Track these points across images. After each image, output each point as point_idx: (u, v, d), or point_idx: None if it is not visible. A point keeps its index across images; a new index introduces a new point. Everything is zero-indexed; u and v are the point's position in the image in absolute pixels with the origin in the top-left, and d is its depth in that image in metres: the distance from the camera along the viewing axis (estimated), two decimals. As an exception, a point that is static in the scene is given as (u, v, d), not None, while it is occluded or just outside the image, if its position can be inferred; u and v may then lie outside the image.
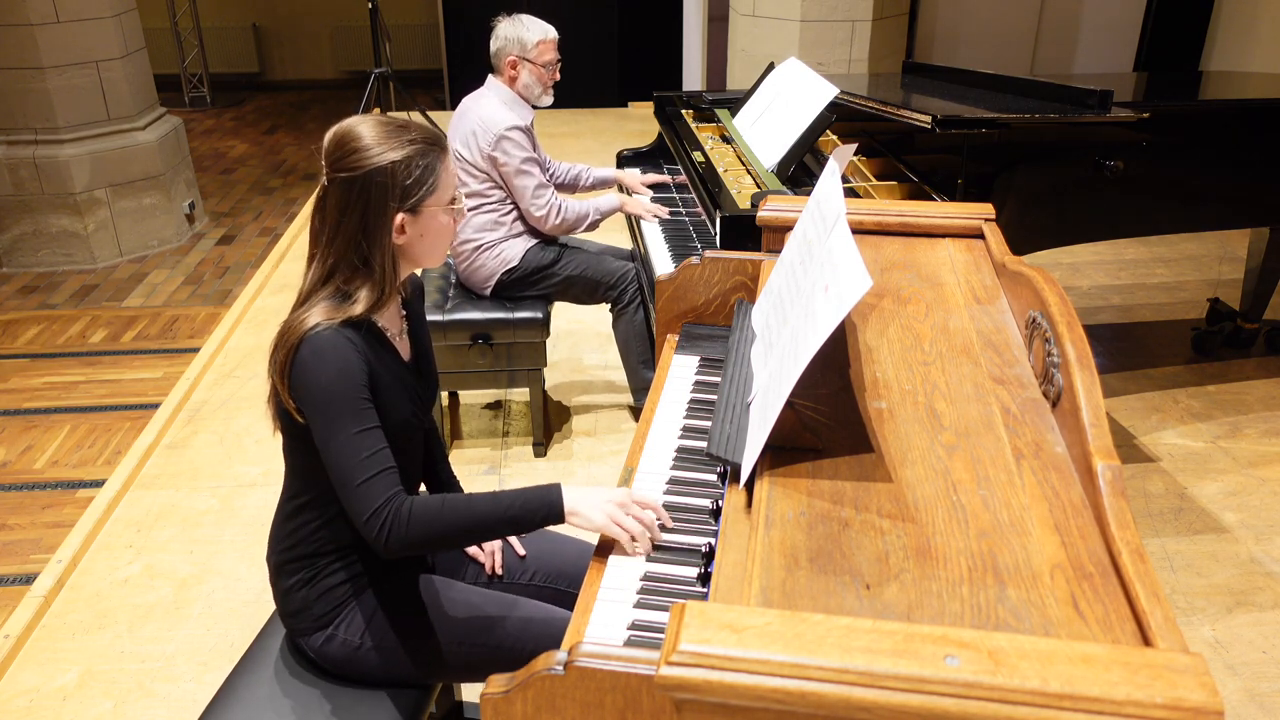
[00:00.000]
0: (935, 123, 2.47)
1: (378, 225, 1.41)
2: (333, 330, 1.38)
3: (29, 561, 2.72)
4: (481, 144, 2.89)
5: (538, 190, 2.94)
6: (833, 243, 1.36)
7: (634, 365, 3.17)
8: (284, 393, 1.41)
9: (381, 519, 1.36)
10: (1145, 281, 4.60)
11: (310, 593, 1.55)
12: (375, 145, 1.39)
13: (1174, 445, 3.24)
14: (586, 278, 3.06)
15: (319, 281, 1.44)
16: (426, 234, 1.46)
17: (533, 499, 1.42)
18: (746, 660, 0.87)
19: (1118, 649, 0.85)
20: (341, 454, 1.37)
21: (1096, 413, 1.16)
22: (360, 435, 1.37)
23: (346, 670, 1.56)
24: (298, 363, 1.38)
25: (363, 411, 1.38)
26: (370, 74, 6.15)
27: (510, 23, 2.95)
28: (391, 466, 1.39)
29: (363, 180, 1.38)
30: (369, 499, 1.36)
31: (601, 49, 7.62)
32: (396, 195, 1.40)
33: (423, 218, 1.44)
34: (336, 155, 1.40)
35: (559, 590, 1.75)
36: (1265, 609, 2.52)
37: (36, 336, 4.05)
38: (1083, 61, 6.95)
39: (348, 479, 1.37)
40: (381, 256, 1.42)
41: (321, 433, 1.38)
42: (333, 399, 1.37)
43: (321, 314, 1.40)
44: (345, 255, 1.42)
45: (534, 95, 2.99)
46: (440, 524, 1.39)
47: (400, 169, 1.39)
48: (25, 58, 4.38)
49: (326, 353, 1.37)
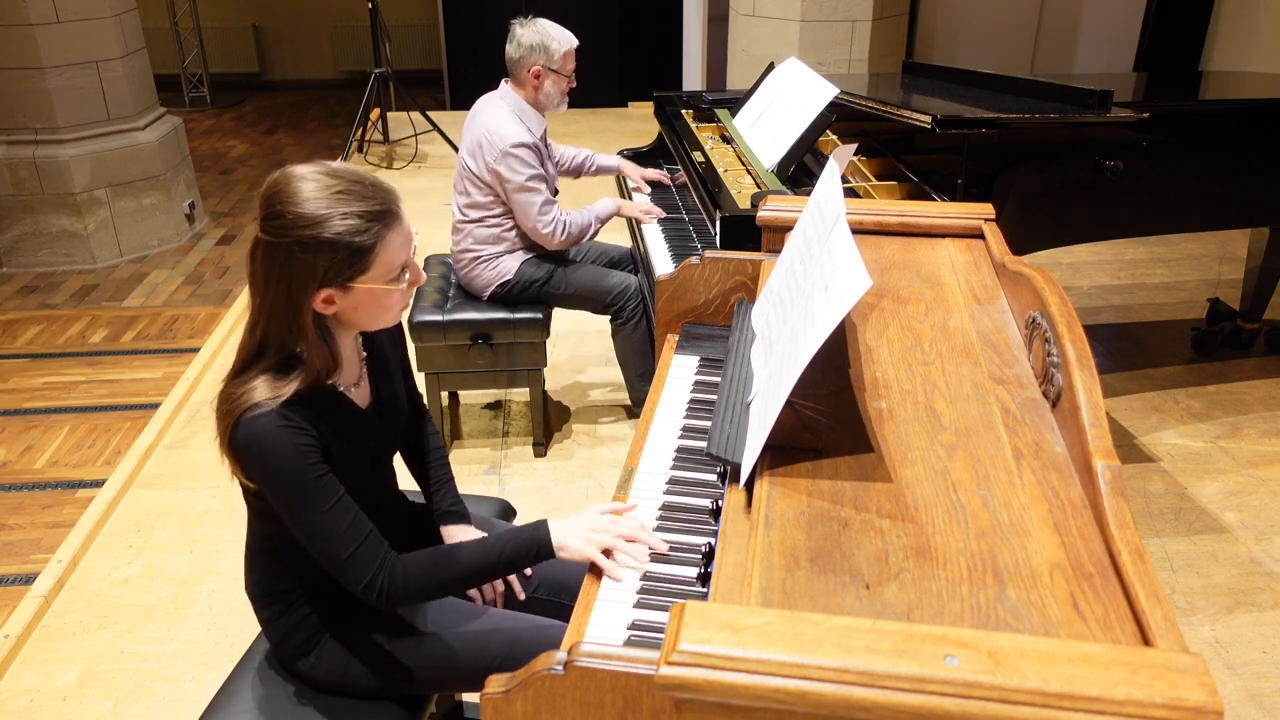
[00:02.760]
0: (935, 123, 2.47)
1: (300, 301, 1.28)
2: (270, 414, 1.28)
3: (29, 561, 2.72)
4: (487, 157, 2.85)
5: (543, 208, 2.89)
6: (833, 243, 1.36)
7: (633, 379, 3.16)
8: (231, 464, 1.34)
9: (377, 587, 1.35)
10: (1145, 281, 4.60)
11: (286, 623, 1.53)
12: (306, 213, 1.24)
13: (1174, 445, 3.24)
14: (582, 294, 3.03)
15: (253, 354, 1.33)
16: (361, 306, 1.33)
17: (522, 541, 1.41)
18: (746, 660, 0.87)
19: (1118, 649, 0.85)
20: (318, 535, 1.32)
21: (1096, 413, 1.16)
22: (331, 512, 1.32)
23: (337, 691, 1.55)
24: (240, 446, 1.29)
25: (325, 486, 1.31)
26: (370, 74, 6.14)
27: (533, 30, 2.85)
28: (371, 529, 1.36)
29: (285, 250, 1.25)
30: (360, 570, 1.34)
31: (601, 49, 7.62)
32: (318, 274, 1.26)
33: (355, 293, 1.31)
34: (266, 213, 1.27)
35: (561, 604, 1.71)
36: (1265, 609, 2.52)
37: (36, 336, 4.05)
38: (1083, 61, 6.95)
39: (333, 556, 1.34)
40: (307, 331, 1.30)
41: (290, 516, 1.33)
42: (287, 485, 1.30)
43: (263, 391, 1.29)
44: (275, 326, 1.30)
45: (553, 104, 2.95)
46: (434, 580, 1.38)
47: (325, 248, 1.24)
48: (25, 58, 4.37)
49: (269, 439, 1.27)
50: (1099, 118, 2.60)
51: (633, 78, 7.75)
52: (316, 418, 1.34)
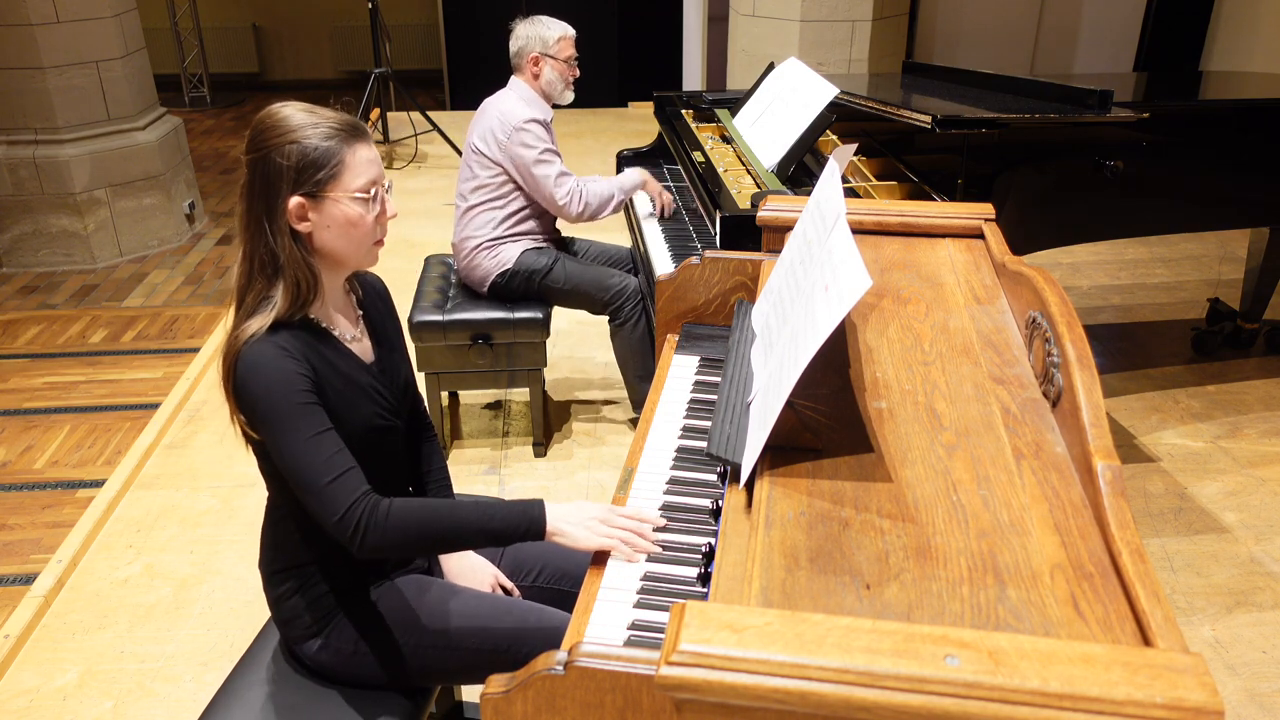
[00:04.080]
0: (935, 123, 2.47)
1: (275, 208, 1.36)
2: (263, 340, 1.35)
3: (29, 561, 2.72)
4: (500, 137, 2.90)
5: (560, 178, 2.92)
6: (833, 243, 1.36)
7: (631, 380, 3.15)
8: (232, 409, 1.39)
9: (355, 518, 1.33)
10: (1145, 281, 4.60)
11: (299, 601, 1.54)
12: (280, 126, 1.36)
13: (1174, 445, 3.24)
14: (581, 290, 3.03)
15: (244, 284, 1.40)
16: (334, 225, 1.39)
17: (515, 513, 1.40)
18: (746, 660, 0.87)
19: (1118, 649, 0.85)
20: (299, 460, 1.33)
21: (1096, 413, 1.16)
22: (315, 439, 1.34)
23: (341, 676, 1.55)
24: (238, 377, 1.35)
25: (311, 415, 1.34)
26: (370, 74, 6.14)
27: (529, 22, 2.99)
28: (354, 466, 1.36)
29: (263, 161, 1.36)
30: (337, 499, 1.33)
31: (601, 49, 7.62)
32: (290, 178, 1.35)
33: (324, 205, 1.38)
34: (250, 136, 1.39)
35: (562, 590, 1.74)
36: (1265, 609, 2.52)
37: (36, 336, 4.05)
38: (1083, 61, 6.95)
39: (311, 483, 1.33)
40: (286, 244, 1.37)
41: (274, 444, 1.35)
42: (276, 407, 1.33)
43: (255, 324, 1.36)
44: (257, 245, 1.38)
45: (557, 91, 3.03)
46: (418, 527, 1.36)
47: (295, 149, 1.35)
48: (25, 58, 4.37)
49: (259, 363, 1.34)
50: (1099, 118, 2.60)
51: (633, 78, 7.75)
52: (312, 353, 1.40)
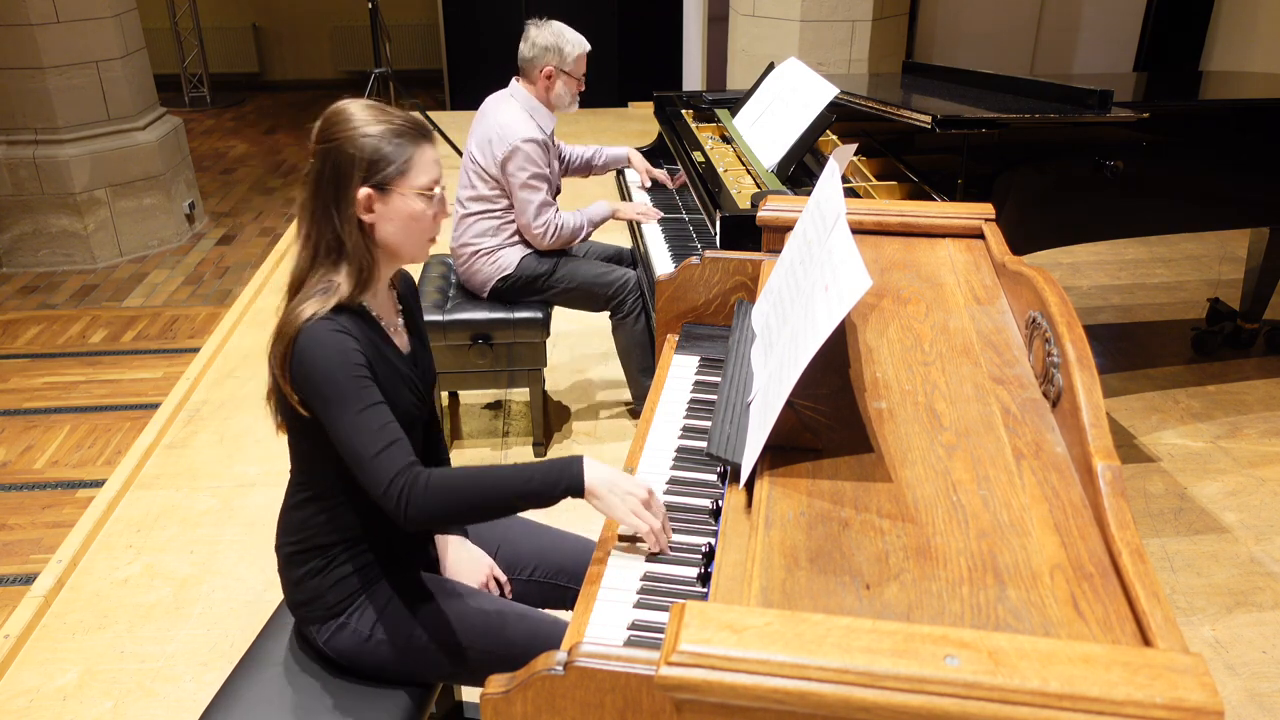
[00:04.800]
0: (935, 123, 2.47)
1: (345, 197, 1.44)
2: (326, 318, 1.42)
3: (29, 561, 2.72)
4: (496, 150, 2.88)
5: (540, 209, 2.93)
6: (833, 243, 1.36)
7: (634, 374, 3.16)
8: (285, 386, 1.43)
9: (400, 487, 1.38)
10: (1145, 281, 4.60)
11: (323, 581, 1.55)
12: (353, 120, 1.44)
13: (1174, 445, 3.24)
14: (583, 290, 3.04)
15: (306, 265, 1.47)
16: (396, 218, 1.47)
17: (553, 470, 1.39)
18: (746, 660, 0.87)
19: (1118, 649, 0.85)
20: (352, 432, 1.39)
21: (1096, 413, 1.16)
22: (368, 411, 1.40)
23: (354, 661, 1.56)
24: (296, 354, 1.40)
25: (366, 389, 1.41)
26: (370, 74, 6.14)
27: (548, 31, 2.90)
28: (403, 438, 1.42)
29: (335, 151, 1.43)
30: (386, 470, 1.38)
31: (601, 49, 7.60)
32: (362, 166, 1.43)
33: (391, 198, 1.46)
34: (320, 130, 1.47)
35: (559, 586, 1.75)
36: (1265, 609, 2.52)
37: (36, 336, 4.05)
38: (1083, 61, 6.95)
39: (362, 454, 1.39)
40: (353, 232, 1.45)
41: (329, 416, 1.40)
42: (334, 381, 1.39)
43: (312, 306, 1.42)
44: (323, 232, 1.45)
45: (564, 104, 2.99)
46: (460, 493, 1.40)
47: (369, 144, 1.43)
48: (25, 58, 4.37)
49: (323, 338, 1.40)
50: (1099, 118, 2.60)
51: (633, 78, 7.75)
52: (362, 335, 1.46)
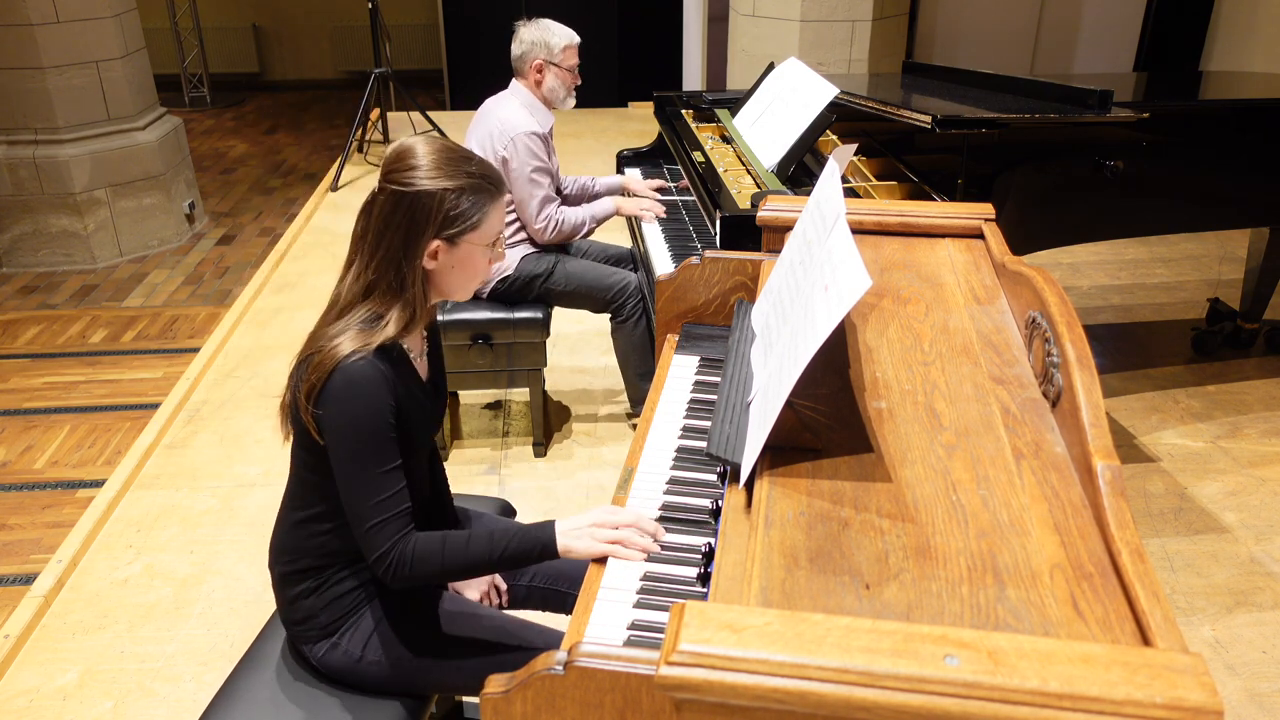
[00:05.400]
0: (935, 123, 2.47)
1: (415, 245, 1.42)
2: (367, 361, 1.39)
3: (29, 561, 2.72)
4: (497, 145, 2.89)
5: (543, 203, 2.94)
6: (832, 243, 1.36)
7: (632, 378, 3.16)
8: (306, 413, 1.42)
9: (389, 561, 1.40)
10: (1145, 281, 4.60)
11: (317, 601, 1.55)
12: (432, 168, 1.41)
13: (1174, 445, 3.24)
14: (582, 291, 3.04)
15: (358, 297, 1.45)
16: (459, 266, 1.48)
17: (527, 540, 1.45)
18: (746, 660, 0.87)
19: (1117, 649, 0.85)
20: (361, 492, 1.40)
21: (1096, 413, 1.16)
22: (382, 476, 1.40)
23: (347, 680, 1.56)
24: (329, 390, 1.39)
25: (387, 450, 1.41)
26: (370, 74, 6.14)
27: (534, 27, 2.94)
28: (406, 507, 1.43)
29: (411, 198, 1.41)
30: (379, 540, 1.40)
31: (601, 49, 7.62)
32: (437, 221, 1.42)
33: (459, 250, 1.46)
34: (393, 167, 1.43)
35: (559, 591, 1.75)
36: (1265, 609, 2.52)
37: (36, 336, 4.05)
38: (1083, 61, 6.95)
39: (363, 518, 1.40)
40: (414, 278, 1.44)
41: (343, 465, 1.40)
42: (360, 435, 1.39)
43: (354, 340, 1.40)
44: (384, 271, 1.43)
45: (559, 98, 3.01)
46: (440, 564, 1.43)
47: (448, 197, 1.41)
48: (25, 58, 4.37)
49: (361, 385, 1.38)
50: (1099, 118, 2.60)
51: (633, 78, 7.75)
52: (396, 376, 1.45)
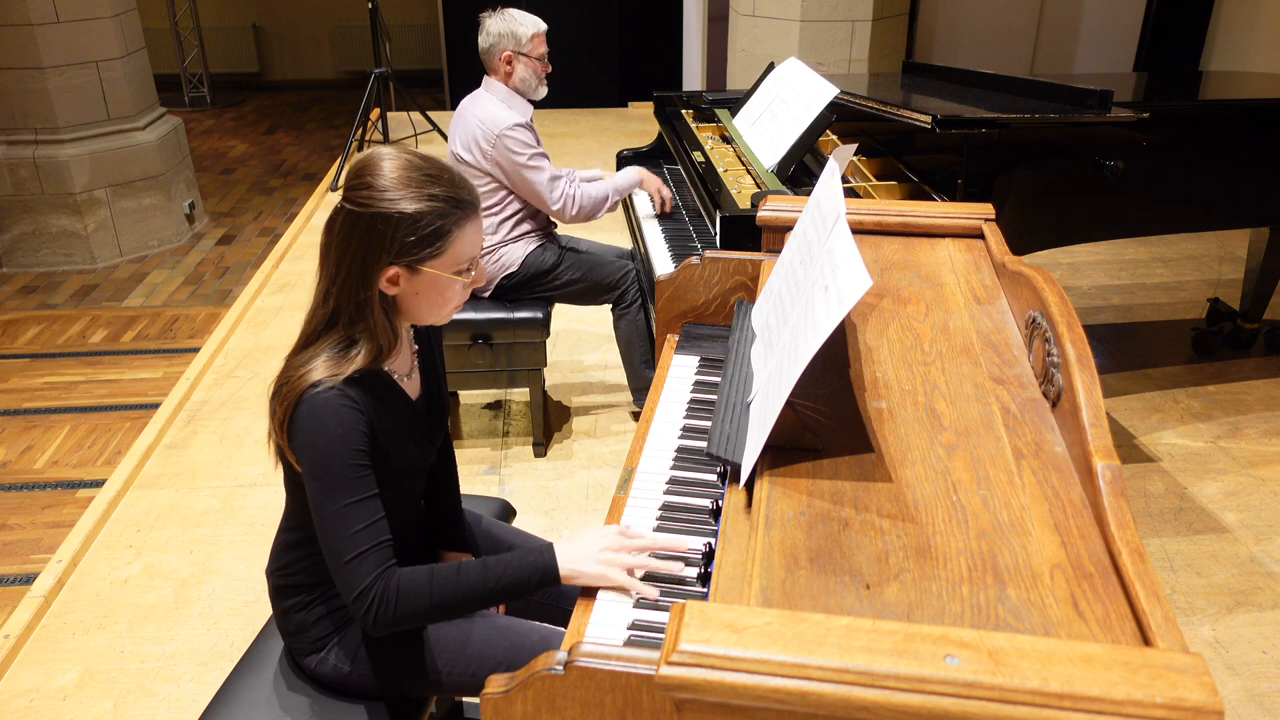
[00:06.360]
0: (935, 123, 2.46)
1: (371, 271, 1.33)
2: (334, 391, 1.32)
3: (29, 561, 2.72)
4: (484, 145, 2.87)
5: (551, 182, 2.90)
6: (833, 243, 1.36)
7: (635, 365, 3.17)
8: (284, 445, 1.36)
9: (369, 599, 1.30)
10: (1145, 281, 4.60)
11: (307, 616, 1.54)
12: (392, 188, 1.31)
13: (1174, 445, 3.24)
14: (587, 280, 3.05)
15: (323, 324, 1.38)
16: (424, 294, 1.38)
17: (526, 567, 1.35)
18: (746, 660, 0.87)
19: (1118, 649, 0.85)
20: (334, 525, 1.31)
21: (1096, 413, 1.16)
22: (354, 506, 1.31)
23: (340, 688, 1.55)
24: (295, 422, 1.32)
25: (359, 480, 1.32)
26: (370, 74, 6.14)
27: (500, 18, 2.90)
28: (386, 540, 1.33)
29: (368, 220, 1.31)
30: (357, 577, 1.31)
31: (601, 49, 7.61)
32: (393, 249, 1.31)
33: (421, 277, 1.35)
34: (353, 183, 1.33)
35: (562, 609, 1.70)
36: (1265, 609, 2.52)
37: (36, 336, 4.05)
38: (1083, 61, 6.95)
39: (338, 552, 1.31)
40: (373, 305, 1.35)
41: (315, 498, 1.33)
42: (329, 465, 1.31)
43: (323, 369, 1.33)
44: (346, 297, 1.35)
45: (531, 88, 2.97)
46: (427, 600, 1.33)
47: (405, 223, 1.30)
48: (25, 58, 4.37)
49: (324, 416, 1.31)
50: (1099, 118, 2.60)
51: (633, 78, 7.75)
52: (374, 402, 1.37)
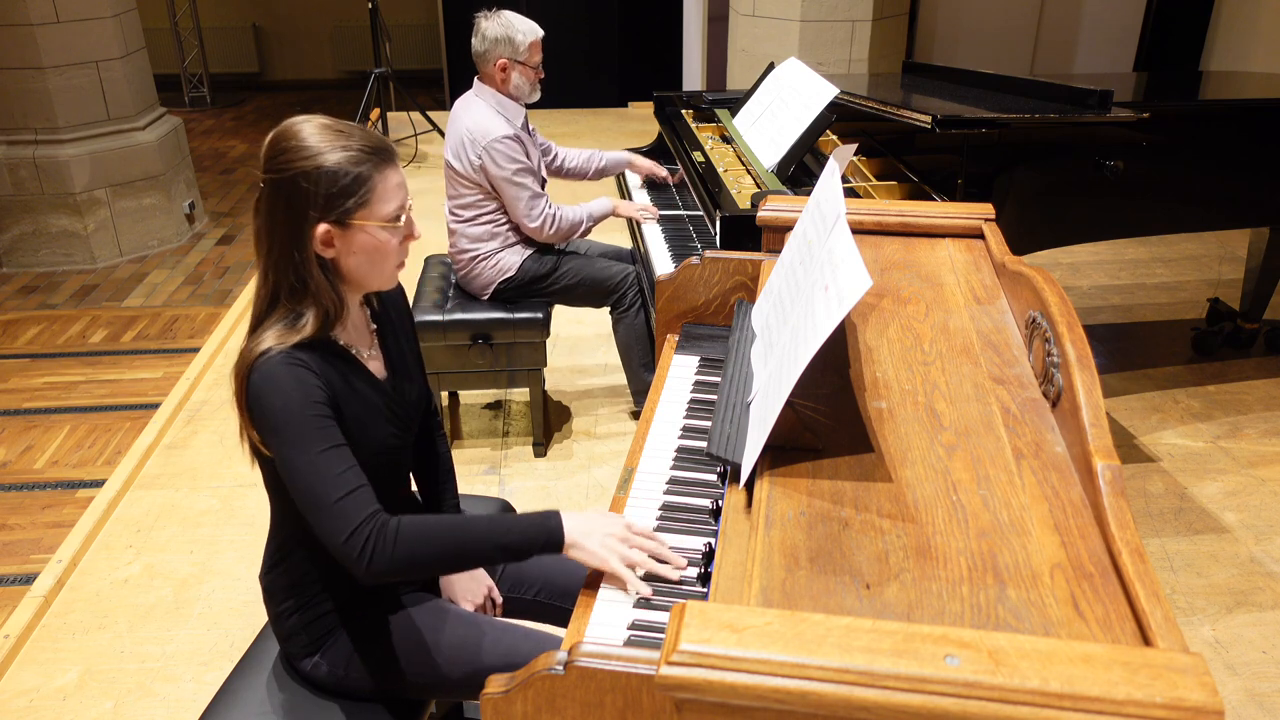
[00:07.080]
0: (935, 123, 2.47)
1: (300, 234, 1.31)
2: (283, 353, 1.31)
3: (29, 561, 2.72)
4: (470, 155, 2.85)
5: (531, 201, 2.89)
6: (833, 243, 1.36)
7: (634, 368, 3.16)
8: (245, 424, 1.35)
9: (363, 538, 1.26)
10: (1145, 281, 4.60)
11: (298, 620, 1.53)
12: (305, 146, 1.30)
13: (1174, 445, 3.24)
14: (585, 285, 3.04)
15: (266, 303, 1.37)
16: (359, 251, 1.35)
17: (531, 527, 1.34)
18: (746, 660, 0.87)
19: (1118, 649, 0.85)
20: (308, 475, 1.28)
21: (1096, 413, 1.16)
22: (326, 454, 1.29)
23: (337, 691, 1.54)
24: (251, 390, 1.31)
25: (325, 429, 1.30)
26: (370, 74, 6.15)
27: (497, 23, 2.85)
28: (365, 484, 1.31)
29: (289, 183, 1.30)
30: (347, 517, 1.27)
31: (601, 49, 7.61)
32: (318, 203, 1.30)
33: (352, 232, 1.33)
34: (269, 154, 1.32)
35: (563, 610, 1.69)
36: (1265, 609, 2.52)
37: (36, 336, 4.05)
38: (1083, 61, 6.95)
39: (320, 500, 1.27)
40: (315, 273, 1.33)
41: (284, 457, 1.29)
42: (290, 419, 1.29)
43: (273, 339, 1.33)
44: (283, 270, 1.34)
45: (524, 94, 2.94)
46: (430, 544, 1.30)
47: (325, 175, 1.29)
48: (25, 58, 4.37)
49: (277, 375, 1.30)
50: (1099, 118, 2.60)
51: (633, 78, 7.74)
52: (329, 369, 1.36)
